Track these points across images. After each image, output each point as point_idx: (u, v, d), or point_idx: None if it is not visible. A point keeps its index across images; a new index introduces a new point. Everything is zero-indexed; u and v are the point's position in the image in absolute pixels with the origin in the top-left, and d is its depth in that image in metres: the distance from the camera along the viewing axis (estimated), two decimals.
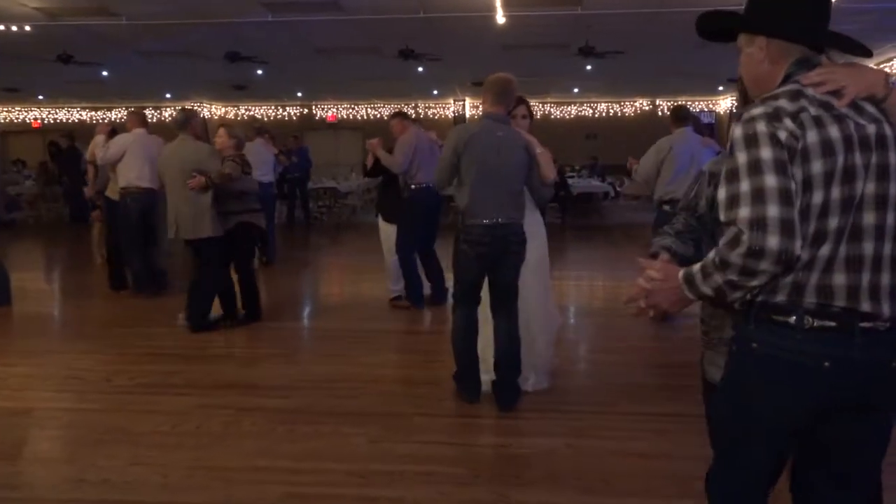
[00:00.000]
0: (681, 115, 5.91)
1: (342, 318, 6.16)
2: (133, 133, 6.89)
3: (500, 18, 10.31)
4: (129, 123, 7.07)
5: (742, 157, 1.50)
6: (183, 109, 5.89)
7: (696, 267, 1.58)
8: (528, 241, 3.82)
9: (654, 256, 1.93)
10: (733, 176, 1.50)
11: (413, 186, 6.08)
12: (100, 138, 7.07)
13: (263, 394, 4.13)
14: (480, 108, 4.00)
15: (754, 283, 1.49)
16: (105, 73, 16.27)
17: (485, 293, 3.90)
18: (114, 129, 7.38)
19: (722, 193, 1.52)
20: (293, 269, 9.09)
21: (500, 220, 3.66)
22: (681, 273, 1.62)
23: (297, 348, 5.12)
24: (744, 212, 1.46)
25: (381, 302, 6.61)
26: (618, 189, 14.65)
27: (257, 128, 9.19)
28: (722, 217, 1.51)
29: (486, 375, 3.93)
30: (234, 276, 5.76)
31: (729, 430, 1.73)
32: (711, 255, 1.53)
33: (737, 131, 1.53)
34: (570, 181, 14.49)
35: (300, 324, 6.03)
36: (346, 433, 3.52)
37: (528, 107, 4.18)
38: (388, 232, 6.25)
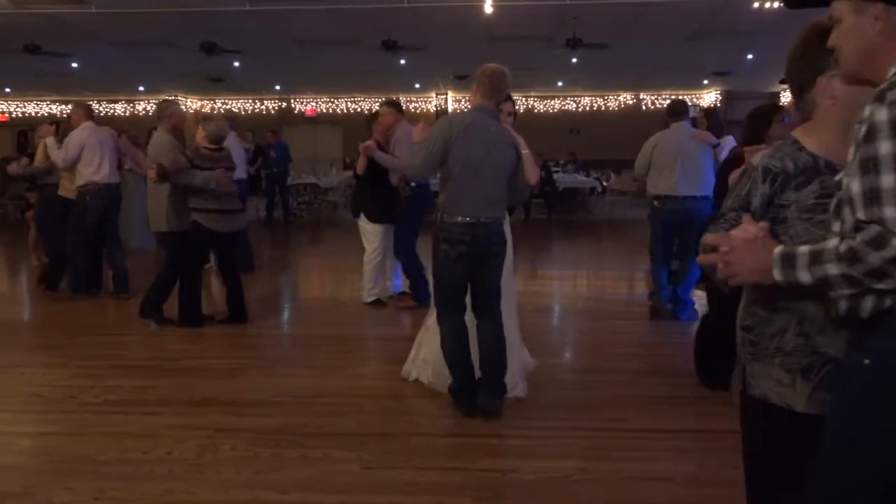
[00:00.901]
0: (674, 110, 5.80)
1: (326, 323, 5.80)
2: (84, 128, 6.44)
3: (488, 8, 9.99)
4: (75, 118, 6.58)
5: (887, 146, 1.25)
6: (163, 101, 5.76)
7: (804, 249, 1.39)
8: None
9: (724, 217, 1.70)
10: (874, 166, 1.27)
11: (414, 185, 5.84)
12: (51, 140, 6.56)
13: (243, 411, 3.76)
14: (469, 99, 3.77)
15: (880, 285, 1.30)
16: (75, 65, 15.68)
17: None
18: (57, 125, 6.94)
19: (857, 185, 1.30)
20: (272, 269, 8.70)
21: (481, 218, 3.50)
22: (778, 248, 1.44)
23: (279, 358, 4.75)
24: (891, 211, 1.24)
25: (366, 306, 6.27)
26: (604, 184, 14.40)
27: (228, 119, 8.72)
28: (860, 214, 1.29)
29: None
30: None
31: (848, 475, 1.40)
32: (835, 244, 1.33)
33: (880, 114, 1.25)
34: (555, 176, 14.22)
35: (281, 331, 5.65)
36: (337, 458, 3.18)
37: (514, 105, 4.05)
38: (371, 232, 5.97)
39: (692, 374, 4.14)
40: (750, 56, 14.42)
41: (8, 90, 20.26)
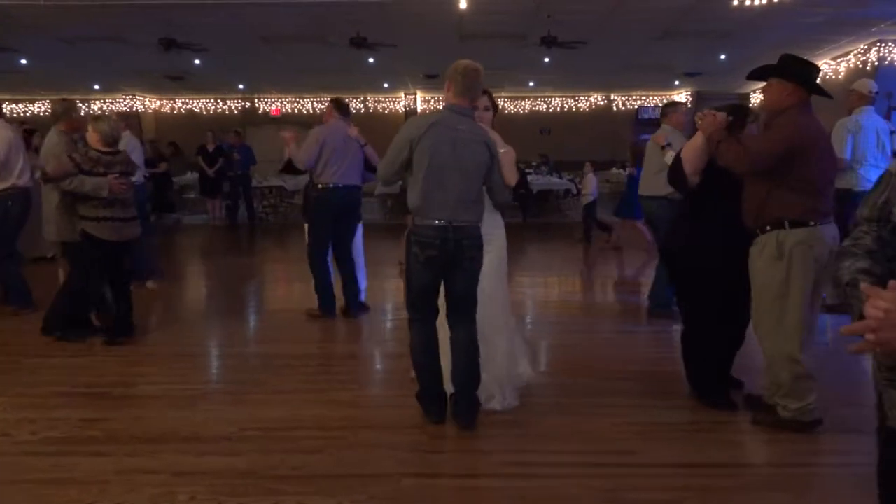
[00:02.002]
0: (661, 113, 5.94)
1: (294, 339, 5.33)
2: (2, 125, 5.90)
3: (463, 3, 9.60)
4: None
5: None
6: (62, 100, 5.31)
7: None
8: (485, 245, 3.54)
9: (850, 285, 1.43)
10: None
11: (320, 186, 5.57)
12: None
13: (205, 449, 3.30)
14: (443, 98, 3.57)
15: None
16: (24, 62, 14.89)
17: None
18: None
19: None
20: (235, 278, 8.19)
21: (453, 221, 3.36)
22: None
23: (244, 382, 4.25)
24: None
25: (339, 319, 5.82)
26: (578, 186, 14.11)
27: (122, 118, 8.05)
28: None
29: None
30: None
31: None
32: None
33: None
34: (528, 178, 13.88)
35: (245, 349, 5.12)
36: None
37: (492, 97, 3.90)
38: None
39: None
40: (723, 57, 14.29)
41: None
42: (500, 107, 17.16)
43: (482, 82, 3.50)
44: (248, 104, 20.63)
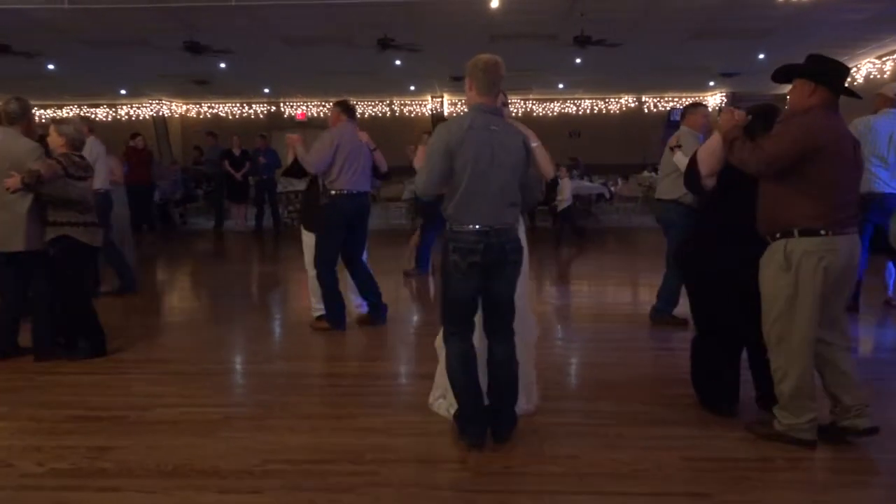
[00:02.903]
0: (681, 114, 5.79)
1: (320, 356, 5.06)
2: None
3: (494, 2, 9.27)
4: None
5: None
6: (17, 98, 4.86)
7: None
8: None
9: None
10: None
11: (333, 192, 5.37)
12: None
13: (225, 486, 2.99)
14: (465, 99, 3.45)
15: None
16: (51, 67, 14.86)
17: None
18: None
19: None
20: (259, 287, 7.94)
21: (495, 225, 3.21)
22: None
23: (268, 405, 3.93)
24: None
25: (370, 333, 5.52)
26: (612, 190, 13.71)
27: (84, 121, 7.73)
28: None
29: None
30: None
31: None
32: None
33: None
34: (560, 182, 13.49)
35: (271, 367, 4.79)
36: None
37: (505, 95, 3.76)
38: (307, 243, 5.59)
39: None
40: (761, 56, 13.79)
41: None
42: (528, 109, 17.01)
43: (503, 76, 3.31)
44: (274, 108, 20.50)
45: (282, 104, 20.41)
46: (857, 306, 5.80)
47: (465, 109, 3.41)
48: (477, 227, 3.19)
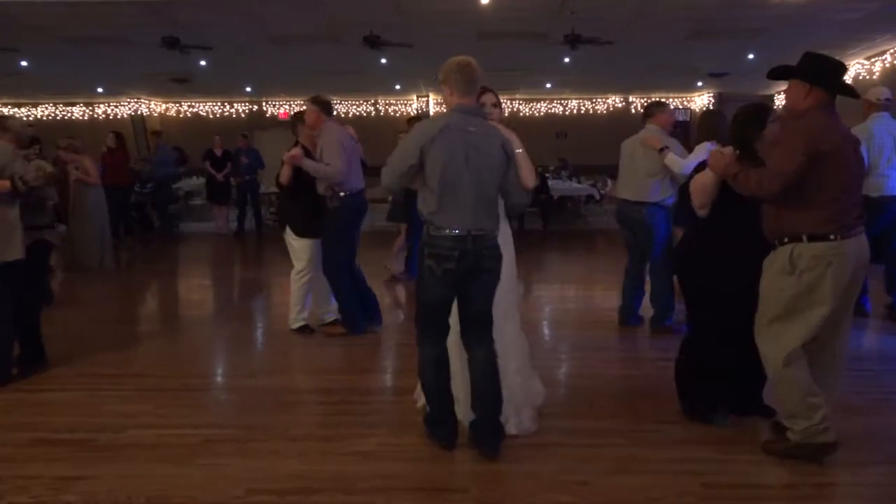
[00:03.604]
0: (644, 113, 5.74)
1: (308, 368, 4.78)
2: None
3: None
4: None
5: None
6: None
7: None
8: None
9: None
10: None
11: (342, 194, 5.16)
12: None
13: None
14: (444, 104, 3.30)
15: None
16: (25, 64, 14.39)
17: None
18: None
19: None
20: (241, 294, 7.63)
21: (471, 230, 3.12)
22: None
23: (252, 426, 3.63)
24: None
25: (357, 342, 5.24)
26: (601, 191, 13.52)
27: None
28: None
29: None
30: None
31: None
32: None
33: None
34: (549, 183, 13.30)
35: (253, 382, 4.47)
36: None
37: (496, 94, 3.69)
38: (299, 248, 5.34)
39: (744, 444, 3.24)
40: (751, 56, 13.68)
41: None
42: (515, 109, 16.81)
43: (480, 76, 3.23)
44: (256, 107, 20.12)
45: (264, 103, 20.04)
46: (865, 310, 5.64)
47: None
48: (454, 231, 3.10)
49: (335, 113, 20.59)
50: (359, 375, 4.53)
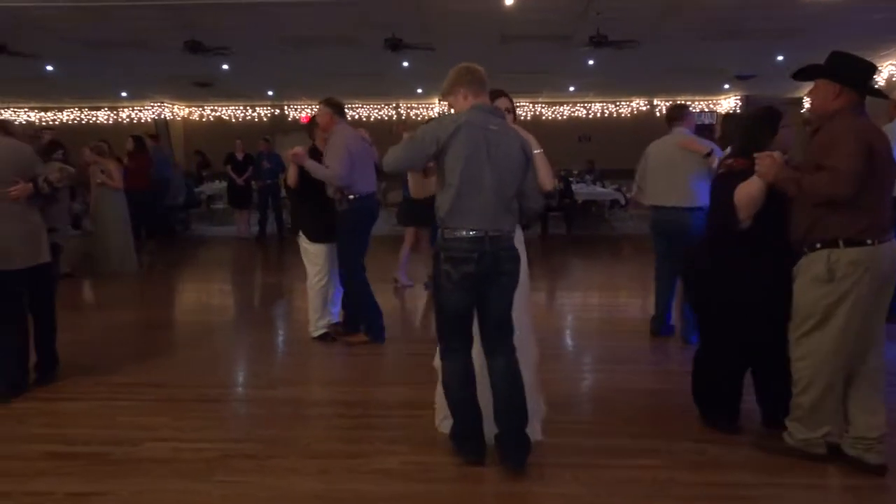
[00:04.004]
0: (668, 116, 5.55)
1: (328, 379, 4.65)
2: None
3: (508, 0, 8.88)
4: None
5: None
6: None
7: None
8: None
9: None
10: None
11: (352, 197, 5.10)
12: None
13: None
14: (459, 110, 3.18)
15: None
16: (50, 68, 14.50)
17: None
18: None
19: None
20: (261, 301, 7.53)
21: (489, 231, 3.01)
22: None
23: (271, 440, 3.51)
24: None
25: (377, 352, 5.10)
26: (627, 196, 13.28)
27: None
28: None
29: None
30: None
31: None
32: None
33: None
34: (573, 187, 13.10)
35: (272, 393, 4.32)
36: None
37: (510, 99, 3.61)
38: (313, 253, 5.27)
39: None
40: (780, 57, 13.38)
41: None
42: (537, 112, 16.64)
43: (485, 76, 3.19)
44: (278, 111, 20.13)
45: (286, 107, 20.05)
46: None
47: None
48: (471, 233, 3.00)
49: (356, 117, 20.55)
50: (380, 387, 4.38)
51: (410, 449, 3.40)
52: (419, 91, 17.81)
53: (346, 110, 19.06)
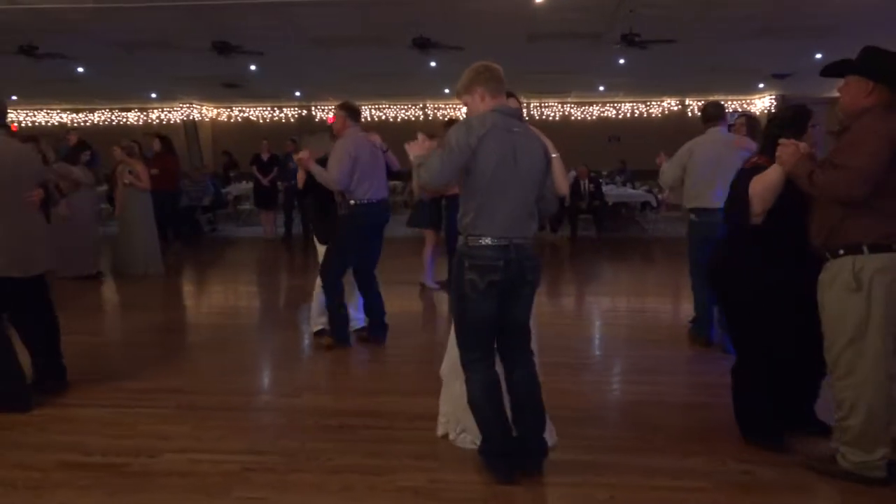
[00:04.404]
0: (708, 115, 5.29)
1: (352, 388, 4.50)
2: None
3: None
4: None
5: None
6: None
7: None
8: None
9: None
10: None
11: (353, 203, 5.09)
12: None
13: None
14: (475, 110, 3.07)
15: None
16: (81, 70, 14.62)
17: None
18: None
19: None
20: (285, 303, 7.41)
21: (514, 239, 2.94)
22: None
23: (293, 453, 3.35)
24: None
25: (406, 359, 4.94)
26: (659, 198, 12.98)
27: None
28: None
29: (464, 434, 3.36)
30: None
31: None
32: None
33: None
34: (603, 189, 12.83)
35: (296, 401, 4.18)
36: None
37: (518, 100, 3.53)
38: (322, 254, 5.31)
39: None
40: (819, 56, 12.98)
41: (14, 98, 19.24)
42: (566, 112, 16.44)
43: (503, 77, 3.09)
44: (305, 112, 20.13)
45: (313, 108, 20.04)
46: None
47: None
48: (496, 241, 2.92)
49: (383, 118, 20.46)
50: (408, 397, 4.19)
51: (440, 465, 3.23)
52: (446, 91, 17.67)
53: (374, 111, 19.03)
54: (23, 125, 20.88)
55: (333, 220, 5.20)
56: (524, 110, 17.15)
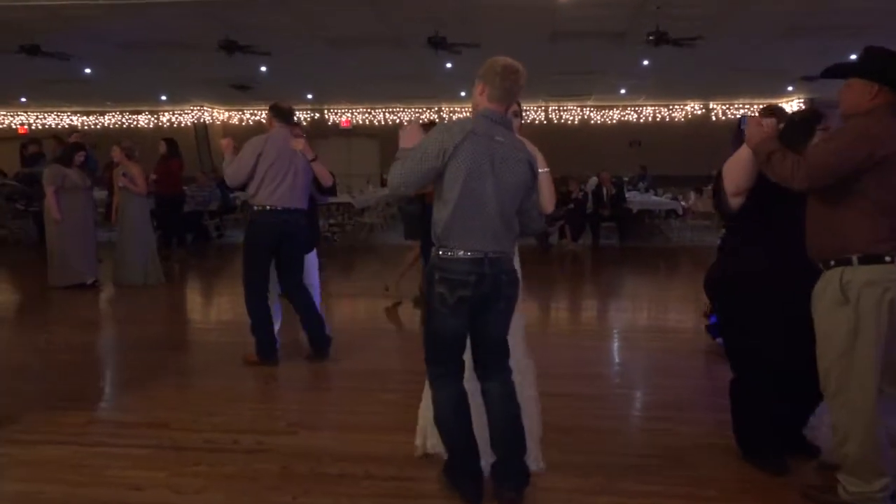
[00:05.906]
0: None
1: (353, 424, 3.98)
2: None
3: None
4: None
5: None
6: None
7: None
8: None
9: None
10: None
11: (255, 208, 4.83)
12: None
13: None
14: (473, 102, 2.96)
15: None
16: (88, 71, 14.31)
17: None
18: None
19: None
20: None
21: (489, 253, 2.78)
22: None
23: (288, 477, 2.93)
24: None
25: (409, 388, 4.42)
26: (684, 205, 12.42)
27: None
28: None
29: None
30: None
31: None
32: None
33: None
34: (627, 195, 12.29)
35: (289, 440, 3.71)
36: None
37: (519, 104, 3.31)
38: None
39: None
40: (853, 57, 12.33)
41: (24, 100, 19.00)
42: (586, 116, 15.91)
43: (523, 87, 2.86)
44: (317, 115, 19.75)
45: (325, 111, 19.67)
46: None
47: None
48: (470, 254, 2.76)
49: (397, 120, 19.95)
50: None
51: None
52: (462, 94, 17.21)
53: (388, 114, 18.54)
54: (33, 127, 20.65)
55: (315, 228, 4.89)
56: (542, 113, 16.68)
